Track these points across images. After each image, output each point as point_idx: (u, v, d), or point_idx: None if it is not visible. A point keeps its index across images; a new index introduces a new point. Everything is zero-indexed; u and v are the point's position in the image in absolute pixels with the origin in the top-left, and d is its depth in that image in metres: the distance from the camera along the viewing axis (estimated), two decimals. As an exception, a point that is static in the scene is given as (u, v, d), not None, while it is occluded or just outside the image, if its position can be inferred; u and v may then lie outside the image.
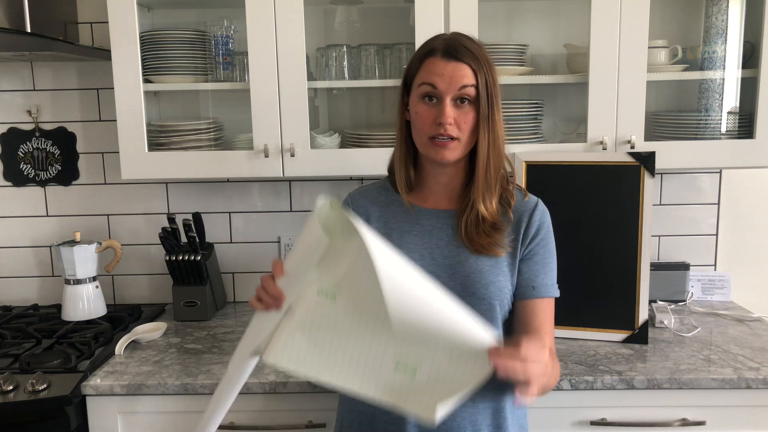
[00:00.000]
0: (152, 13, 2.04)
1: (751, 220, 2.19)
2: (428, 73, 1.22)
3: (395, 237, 1.29)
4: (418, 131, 1.26)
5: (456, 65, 1.21)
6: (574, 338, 1.81)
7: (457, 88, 1.21)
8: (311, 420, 1.61)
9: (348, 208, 1.33)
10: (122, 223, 2.22)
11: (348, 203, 1.37)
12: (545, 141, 1.97)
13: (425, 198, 1.33)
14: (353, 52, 1.95)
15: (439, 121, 1.22)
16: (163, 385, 1.58)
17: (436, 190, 1.32)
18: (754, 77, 1.81)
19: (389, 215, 1.33)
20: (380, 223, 1.32)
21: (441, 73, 1.21)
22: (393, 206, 1.34)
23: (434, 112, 1.23)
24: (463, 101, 1.23)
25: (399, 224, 1.31)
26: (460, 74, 1.21)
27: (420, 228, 1.30)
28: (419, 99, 1.25)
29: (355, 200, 1.37)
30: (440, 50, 1.23)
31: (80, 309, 2.01)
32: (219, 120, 2.04)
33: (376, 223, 1.32)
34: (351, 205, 1.36)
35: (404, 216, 1.32)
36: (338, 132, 1.99)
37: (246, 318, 2.07)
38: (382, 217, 1.33)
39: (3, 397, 1.54)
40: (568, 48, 1.98)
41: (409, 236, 1.29)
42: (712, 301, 2.13)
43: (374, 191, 1.38)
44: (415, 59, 1.27)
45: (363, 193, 1.39)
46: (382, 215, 1.33)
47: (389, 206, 1.34)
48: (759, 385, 1.56)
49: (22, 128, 2.17)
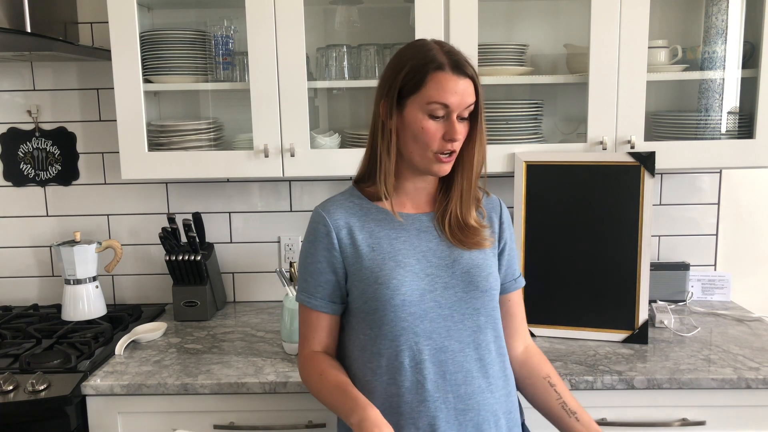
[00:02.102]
0: (152, 13, 2.04)
1: (751, 220, 2.19)
2: (441, 91, 1.20)
3: (385, 245, 1.28)
4: (422, 146, 1.24)
5: (465, 82, 1.21)
6: (574, 338, 1.82)
7: (465, 106, 1.22)
8: (311, 420, 1.61)
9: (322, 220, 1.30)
10: (122, 223, 2.22)
11: (322, 217, 1.30)
12: (545, 141, 1.97)
13: (403, 203, 1.33)
14: (353, 52, 1.95)
15: (450, 137, 1.22)
16: (163, 385, 1.58)
17: (414, 195, 1.34)
18: (754, 77, 1.81)
19: (372, 224, 1.30)
20: (364, 233, 1.29)
21: (454, 91, 1.20)
22: (372, 215, 1.31)
23: (442, 128, 1.23)
24: (464, 118, 1.25)
25: (385, 232, 1.30)
26: (468, 92, 1.22)
27: (406, 233, 1.30)
28: (426, 115, 1.22)
29: (331, 214, 1.30)
30: (449, 65, 1.21)
31: (80, 309, 2.01)
32: (219, 120, 2.04)
33: (360, 233, 1.29)
34: (328, 218, 1.29)
35: (387, 223, 1.31)
36: (338, 132, 1.99)
37: (246, 318, 2.07)
38: (365, 228, 1.30)
39: (3, 397, 1.54)
40: (568, 48, 1.98)
41: (398, 242, 1.29)
42: (712, 301, 2.13)
43: (345, 202, 1.33)
44: (417, 72, 1.22)
45: (335, 205, 1.32)
46: (364, 225, 1.30)
47: (368, 215, 1.31)
48: (759, 385, 1.56)
49: (22, 128, 2.17)
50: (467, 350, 1.27)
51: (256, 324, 2.01)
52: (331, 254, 1.29)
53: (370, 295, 1.26)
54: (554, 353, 1.72)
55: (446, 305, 1.27)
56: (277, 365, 1.67)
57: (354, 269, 1.28)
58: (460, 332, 1.27)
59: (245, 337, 1.89)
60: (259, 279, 2.24)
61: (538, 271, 1.84)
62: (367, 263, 1.27)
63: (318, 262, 1.30)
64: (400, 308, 1.24)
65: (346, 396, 1.21)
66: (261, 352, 1.77)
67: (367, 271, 1.27)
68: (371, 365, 1.27)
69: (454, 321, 1.27)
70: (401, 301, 1.24)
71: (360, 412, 1.16)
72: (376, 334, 1.27)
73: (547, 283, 1.84)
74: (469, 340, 1.27)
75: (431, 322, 1.25)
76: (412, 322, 1.25)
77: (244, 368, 1.65)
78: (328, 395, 1.25)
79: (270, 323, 2.01)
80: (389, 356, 1.26)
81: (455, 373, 1.26)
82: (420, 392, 1.24)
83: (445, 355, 1.26)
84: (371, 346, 1.28)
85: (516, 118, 1.89)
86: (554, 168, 1.82)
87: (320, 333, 1.33)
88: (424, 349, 1.25)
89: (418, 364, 1.25)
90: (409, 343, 1.25)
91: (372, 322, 1.27)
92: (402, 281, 1.25)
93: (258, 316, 2.09)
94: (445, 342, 1.26)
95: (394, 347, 1.25)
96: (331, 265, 1.30)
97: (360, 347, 1.30)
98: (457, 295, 1.27)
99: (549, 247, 1.83)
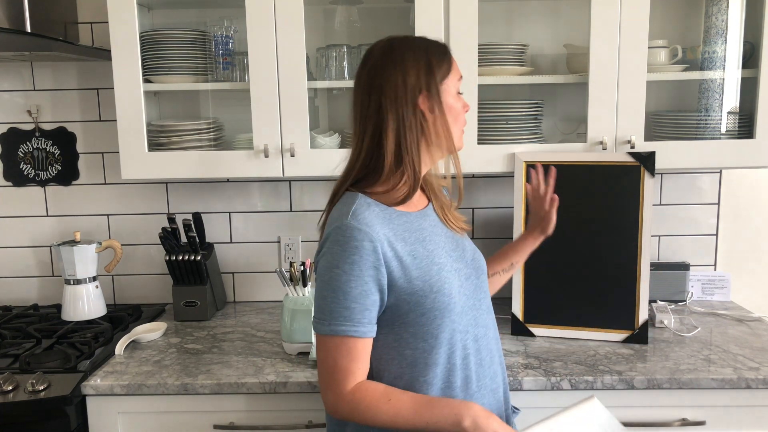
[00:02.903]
0: (152, 13, 2.04)
1: (751, 220, 2.19)
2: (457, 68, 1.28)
3: (420, 249, 1.23)
4: (460, 123, 1.29)
5: None
6: (574, 338, 1.82)
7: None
8: (311, 420, 1.61)
9: (367, 236, 1.17)
10: (122, 223, 2.22)
11: (365, 233, 1.17)
12: (545, 141, 1.97)
13: (415, 203, 1.30)
14: (353, 52, 1.95)
15: (466, 107, 1.30)
16: (163, 385, 1.58)
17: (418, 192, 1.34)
18: (754, 77, 1.81)
19: (400, 230, 1.23)
20: (400, 241, 1.21)
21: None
22: (395, 220, 1.24)
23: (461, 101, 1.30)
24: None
25: (413, 236, 1.24)
26: None
27: (426, 232, 1.27)
28: (456, 92, 1.28)
29: (372, 227, 1.18)
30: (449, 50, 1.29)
31: (80, 309, 2.02)
32: (219, 120, 2.04)
33: (397, 243, 1.21)
34: (372, 233, 1.17)
35: (411, 226, 1.26)
36: (338, 132, 1.99)
37: (246, 318, 2.07)
38: (398, 235, 1.22)
39: (3, 397, 1.54)
40: (568, 48, 1.98)
41: (428, 243, 1.25)
42: (712, 301, 2.13)
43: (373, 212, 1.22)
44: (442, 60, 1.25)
45: (370, 217, 1.20)
46: (396, 233, 1.22)
47: (392, 221, 1.23)
48: (759, 385, 1.56)
49: (22, 128, 2.17)
50: (489, 333, 1.32)
51: (256, 324, 2.01)
52: (378, 272, 1.17)
53: (429, 306, 1.19)
54: (554, 353, 1.72)
55: (471, 295, 1.28)
56: (277, 365, 1.67)
57: (402, 282, 1.19)
58: (483, 318, 1.30)
59: (245, 337, 1.89)
60: (259, 279, 2.24)
61: (538, 271, 1.84)
62: (415, 273, 1.20)
63: (365, 284, 1.16)
64: (453, 312, 1.22)
65: (437, 407, 1.16)
66: (261, 352, 1.77)
67: (418, 281, 1.19)
68: (425, 378, 1.21)
69: (477, 309, 1.29)
70: (455, 304, 1.22)
71: (467, 412, 1.13)
72: (432, 345, 1.21)
73: (547, 283, 1.84)
74: (488, 323, 1.32)
75: (465, 315, 1.26)
76: (459, 322, 1.24)
77: (244, 368, 1.65)
78: (415, 415, 1.15)
79: (270, 323, 2.01)
80: (443, 362, 1.22)
81: (486, 357, 1.29)
82: (469, 385, 1.25)
83: (478, 343, 1.28)
84: (425, 359, 1.21)
85: (516, 118, 1.89)
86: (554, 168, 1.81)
87: (364, 362, 1.20)
88: (468, 344, 1.26)
89: (464, 359, 1.25)
90: (459, 344, 1.24)
91: (427, 333, 1.20)
92: (452, 283, 1.23)
93: (258, 316, 2.09)
94: (477, 331, 1.28)
95: (448, 352, 1.22)
96: (377, 284, 1.17)
97: (409, 363, 1.22)
98: (473, 284, 1.30)
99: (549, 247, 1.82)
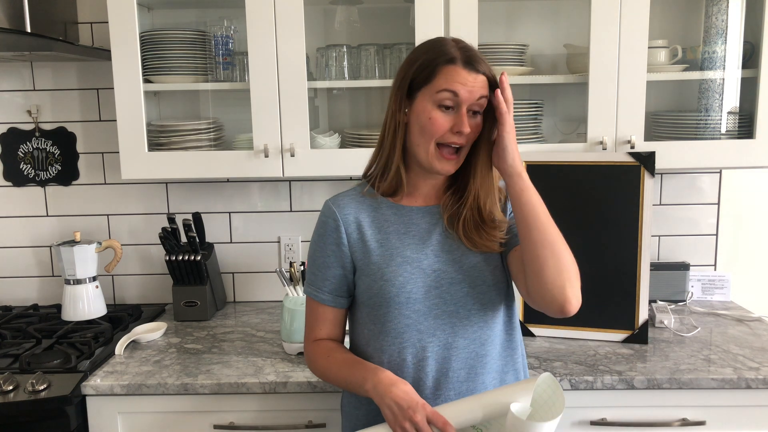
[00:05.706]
0: (152, 13, 2.04)
1: (751, 220, 2.19)
2: (450, 82, 1.20)
3: (393, 240, 1.29)
4: (427, 137, 1.23)
5: (477, 77, 1.21)
6: (574, 338, 1.82)
7: (476, 98, 1.21)
8: (311, 420, 1.61)
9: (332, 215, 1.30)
10: (122, 223, 2.22)
11: (332, 211, 1.30)
12: (545, 141, 1.97)
13: (414, 197, 1.33)
14: (353, 52, 1.95)
15: (458, 129, 1.21)
16: (163, 385, 1.58)
17: (426, 191, 1.33)
18: (754, 77, 1.81)
19: (381, 219, 1.31)
20: (373, 228, 1.30)
21: (464, 82, 1.20)
22: (382, 209, 1.32)
23: (450, 120, 1.22)
24: (476, 113, 1.24)
25: (394, 227, 1.30)
26: (480, 86, 1.21)
27: (416, 227, 1.30)
28: (434, 105, 1.21)
29: (341, 208, 1.31)
30: (461, 60, 1.20)
31: (80, 309, 2.01)
32: (219, 120, 2.04)
33: (369, 229, 1.29)
34: (338, 213, 1.30)
35: (396, 218, 1.31)
36: (338, 132, 1.99)
37: (246, 318, 2.07)
38: (374, 222, 1.30)
39: (3, 397, 1.54)
40: (568, 48, 1.98)
41: (407, 237, 1.29)
42: (712, 301, 2.13)
43: (357, 197, 1.33)
44: (428, 65, 1.22)
45: (346, 200, 1.33)
46: (373, 221, 1.30)
47: (378, 210, 1.31)
48: (759, 385, 1.56)
49: (22, 128, 2.17)
50: (472, 347, 1.27)
51: (256, 324, 2.01)
52: (339, 249, 1.29)
53: (376, 291, 1.26)
54: (554, 353, 1.72)
55: (452, 301, 1.26)
56: (277, 365, 1.67)
57: (362, 264, 1.29)
58: (465, 328, 1.26)
59: (245, 337, 1.89)
60: (259, 279, 2.24)
61: (538, 271, 1.83)
62: (374, 259, 1.28)
63: (326, 256, 1.31)
64: (404, 306, 1.25)
65: (355, 368, 1.23)
66: (261, 352, 1.77)
67: (374, 266, 1.27)
68: (374, 361, 1.28)
69: (459, 317, 1.26)
70: (406, 298, 1.25)
71: (372, 378, 1.18)
72: (380, 330, 1.27)
73: (547, 283, 1.83)
74: (475, 336, 1.27)
75: (436, 318, 1.25)
76: (416, 320, 1.25)
77: (244, 368, 1.65)
78: (338, 372, 1.27)
79: (270, 323, 2.01)
80: (391, 353, 1.26)
81: (458, 370, 1.26)
82: (420, 389, 1.24)
83: (450, 352, 1.26)
84: (375, 342, 1.29)
85: (516, 118, 1.89)
86: (554, 168, 1.82)
87: (326, 325, 1.35)
88: (428, 346, 1.25)
89: (420, 361, 1.25)
90: (412, 341, 1.25)
91: (376, 318, 1.28)
92: (408, 278, 1.25)
93: (258, 316, 2.09)
94: (449, 339, 1.26)
95: (397, 344, 1.26)
96: (339, 260, 1.30)
97: (364, 342, 1.32)
98: (463, 291, 1.27)
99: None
